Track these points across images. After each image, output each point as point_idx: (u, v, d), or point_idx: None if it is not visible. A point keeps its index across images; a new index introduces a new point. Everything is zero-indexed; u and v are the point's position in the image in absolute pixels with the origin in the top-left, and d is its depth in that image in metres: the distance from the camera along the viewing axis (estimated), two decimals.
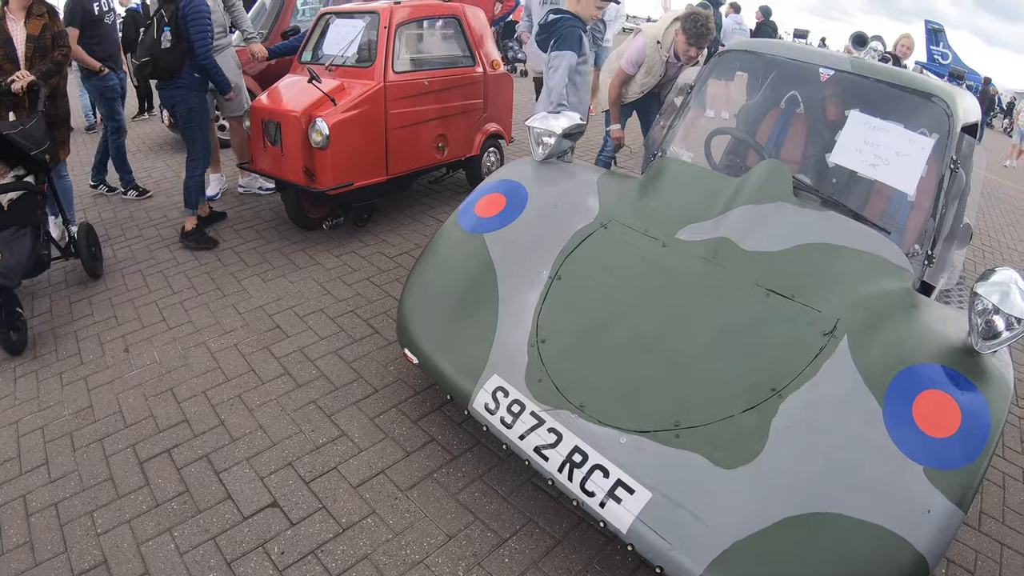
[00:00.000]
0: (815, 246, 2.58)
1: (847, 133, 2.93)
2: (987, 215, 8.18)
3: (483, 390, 2.37)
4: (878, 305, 2.35)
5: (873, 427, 1.97)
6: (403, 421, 2.88)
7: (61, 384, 3.13)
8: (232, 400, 2.99)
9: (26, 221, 3.43)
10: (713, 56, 3.67)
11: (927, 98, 2.92)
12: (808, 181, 3.11)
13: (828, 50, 3.83)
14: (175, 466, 2.62)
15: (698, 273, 2.56)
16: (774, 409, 2.10)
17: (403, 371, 3.22)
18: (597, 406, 2.22)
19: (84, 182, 5.83)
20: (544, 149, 3.24)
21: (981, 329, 2.05)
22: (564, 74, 3.72)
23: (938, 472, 1.84)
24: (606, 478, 2.04)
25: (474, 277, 2.76)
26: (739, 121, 3.85)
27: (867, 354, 2.15)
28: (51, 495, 2.49)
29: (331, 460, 2.65)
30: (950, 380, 2.01)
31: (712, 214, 2.74)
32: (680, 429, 2.12)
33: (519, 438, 2.22)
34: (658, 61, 4.68)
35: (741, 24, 11.00)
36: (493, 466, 2.65)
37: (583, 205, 2.97)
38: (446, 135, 5.17)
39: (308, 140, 4.24)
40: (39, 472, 2.60)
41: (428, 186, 5.93)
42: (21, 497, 2.48)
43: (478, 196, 3.10)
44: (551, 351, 2.42)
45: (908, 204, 3.00)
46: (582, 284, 2.65)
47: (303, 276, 4.20)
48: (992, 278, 2.10)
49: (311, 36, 5.03)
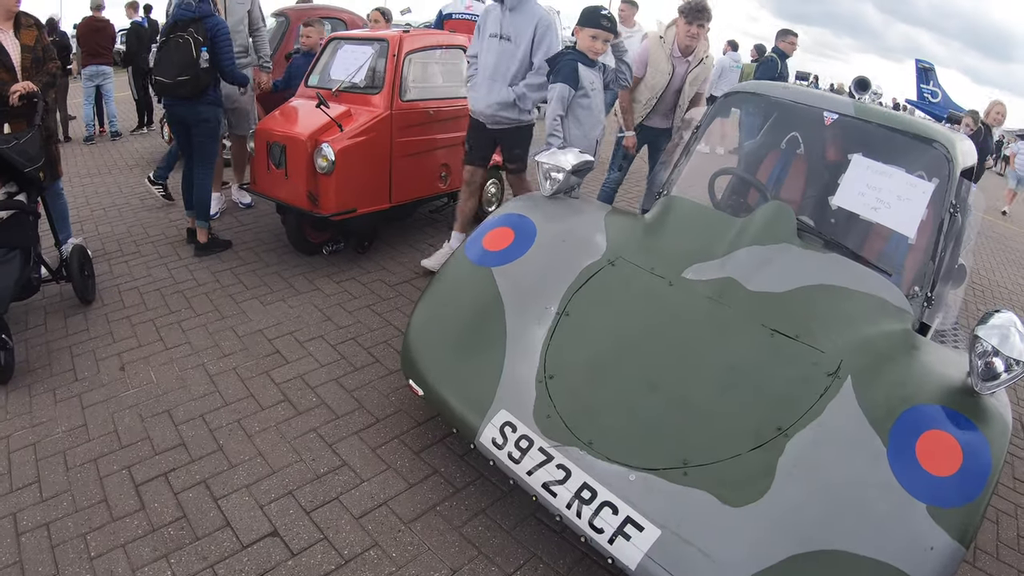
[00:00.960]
0: (818, 287, 2.63)
1: (850, 177, 3.00)
2: (981, 255, 8.29)
3: (491, 424, 2.37)
4: (880, 346, 2.40)
5: (877, 466, 2.01)
6: (405, 452, 2.86)
7: (55, 400, 3.08)
8: (231, 425, 2.96)
9: (15, 242, 3.34)
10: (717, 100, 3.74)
11: (928, 143, 3.00)
12: (811, 223, 3.17)
13: (830, 93, 3.91)
14: (172, 490, 2.58)
15: (704, 312, 2.59)
16: (780, 448, 2.13)
17: (405, 402, 3.20)
18: (606, 443, 2.23)
19: (80, 194, 5.83)
20: (552, 184, 3.28)
21: (981, 371, 2.11)
22: (556, 106, 3.83)
23: (941, 510, 1.89)
24: (615, 515, 2.05)
25: (482, 310, 2.77)
26: (741, 160, 3.93)
27: (871, 394, 2.20)
28: (43, 515, 2.44)
29: (332, 490, 2.62)
30: (951, 420, 2.06)
31: (718, 254, 2.78)
32: (688, 467, 2.14)
33: (527, 473, 2.22)
34: (663, 57, 4.80)
35: (738, 62, 11.16)
36: (497, 500, 2.63)
37: (591, 242, 3.00)
38: (449, 164, 5.21)
39: (313, 165, 4.26)
40: (31, 490, 2.55)
41: (429, 215, 5.96)
42: (11, 515, 2.43)
43: (486, 229, 3.12)
44: (559, 387, 2.43)
45: (907, 246, 3.06)
46: (590, 321, 2.66)
47: (303, 301, 4.19)
48: (992, 321, 2.17)
49: (319, 60, 5.08)
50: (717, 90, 10.40)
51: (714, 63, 5.87)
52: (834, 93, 3.95)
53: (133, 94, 9.62)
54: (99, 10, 8.75)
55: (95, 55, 8.59)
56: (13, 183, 3.49)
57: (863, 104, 3.30)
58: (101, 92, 8.78)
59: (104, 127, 9.03)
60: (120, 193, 6.32)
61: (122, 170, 7.28)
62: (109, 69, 8.78)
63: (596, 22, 3.81)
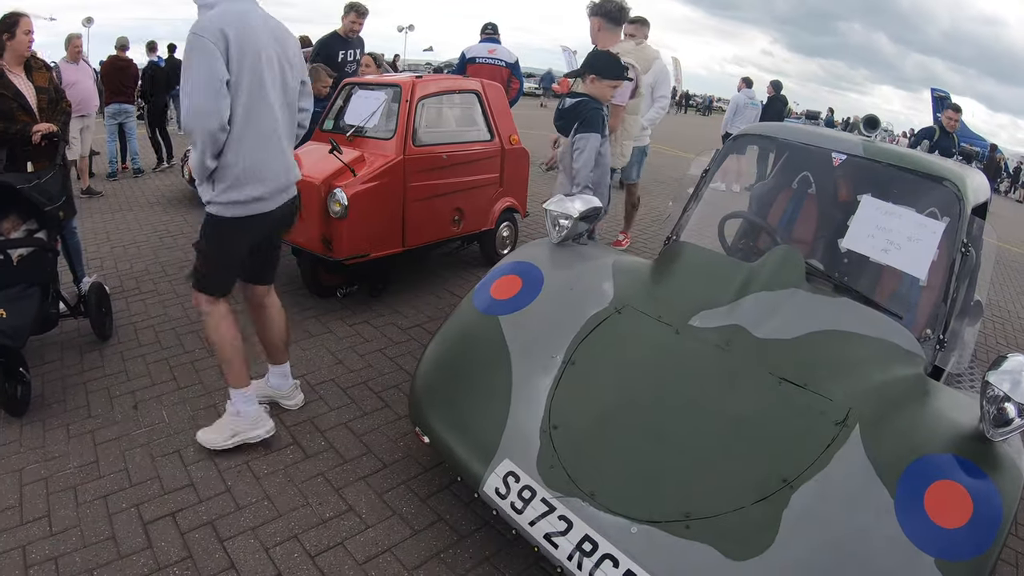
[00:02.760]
0: (828, 333, 2.62)
1: (859, 219, 2.99)
2: (997, 285, 8.21)
3: (494, 474, 2.38)
4: (890, 393, 2.37)
5: (884, 518, 1.97)
6: (412, 498, 2.87)
7: (68, 436, 3.13)
8: (240, 467, 2.99)
9: (35, 279, 3.43)
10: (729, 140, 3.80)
11: (938, 181, 3.00)
12: (820, 266, 3.17)
13: (840, 132, 3.94)
14: (179, 530, 2.60)
15: (711, 361, 2.60)
16: (785, 500, 2.11)
17: (413, 447, 3.22)
18: (608, 495, 2.23)
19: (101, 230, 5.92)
20: (560, 231, 3.30)
21: (993, 417, 2.08)
22: (591, 156, 3.73)
23: (949, 563, 1.84)
24: (616, 568, 2.04)
25: (488, 359, 2.79)
26: (752, 202, 3.95)
27: (879, 444, 2.17)
28: (51, 549, 2.46)
29: (337, 535, 2.64)
30: (962, 469, 2.02)
31: (725, 301, 2.79)
32: (691, 520, 2.12)
33: (529, 524, 2.22)
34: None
35: (753, 99, 11.19)
36: (501, 548, 2.63)
37: (598, 289, 3.03)
38: (462, 208, 5.29)
39: (327, 209, 4.34)
40: (40, 524, 2.58)
41: (443, 258, 6.02)
42: (20, 548, 2.46)
43: (494, 277, 3.15)
44: (563, 438, 2.44)
45: (919, 287, 3.04)
46: (595, 370, 2.68)
47: (315, 344, 4.24)
48: (1003, 366, 2.14)
49: (333, 105, 5.22)
50: (733, 128, 10.50)
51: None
52: (847, 130, 3.98)
53: (148, 132, 9.88)
54: (124, 50, 9.06)
55: (118, 93, 8.85)
56: (34, 220, 3.59)
57: (872, 143, 3.32)
58: (124, 130, 9.01)
59: (127, 163, 9.25)
60: (140, 230, 6.46)
61: (143, 207, 7.44)
62: (131, 107, 9.04)
63: (620, 74, 3.83)
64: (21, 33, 3.94)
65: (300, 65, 3.05)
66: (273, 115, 2.85)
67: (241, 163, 2.76)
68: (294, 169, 3.09)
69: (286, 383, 3.46)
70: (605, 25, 4.44)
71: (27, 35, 3.98)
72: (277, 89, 2.86)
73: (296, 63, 2.99)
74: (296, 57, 3.00)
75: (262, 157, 2.83)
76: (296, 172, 3.12)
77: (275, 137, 2.89)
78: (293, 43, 2.99)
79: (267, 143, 2.85)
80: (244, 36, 2.67)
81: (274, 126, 2.87)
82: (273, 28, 2.86)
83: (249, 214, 2.86)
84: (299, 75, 3.04)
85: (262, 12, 2.86)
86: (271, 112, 2.84)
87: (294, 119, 3.07)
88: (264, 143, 2.83)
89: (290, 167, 3.04)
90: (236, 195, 2.79)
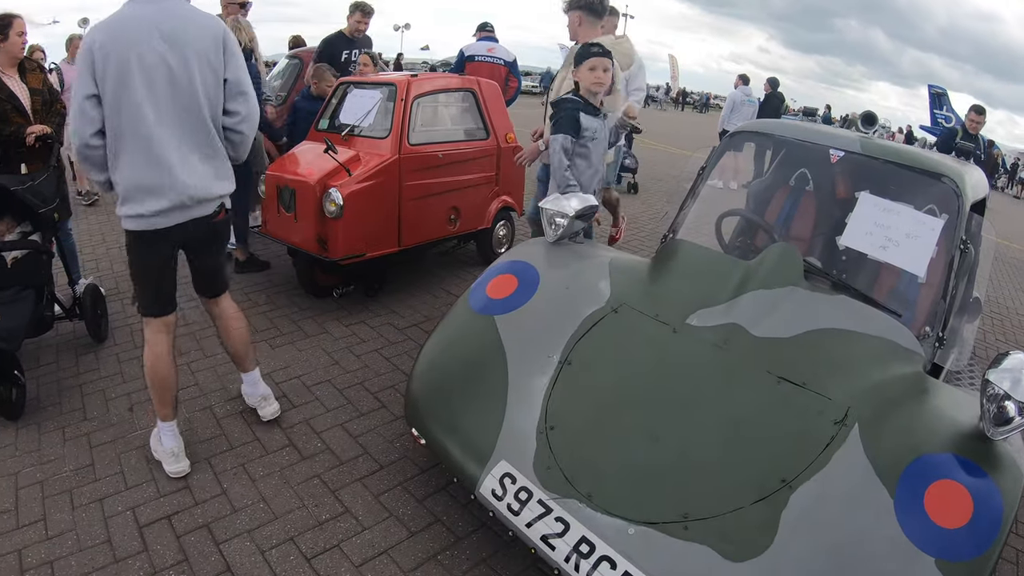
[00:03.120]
0: (826, 331, 2.61)
1: (857, 216, 2.98)
2: (996, 282, 8.23)
3: (490, 475, 2.37)
4: (889, 392, 2.36)
5: (884, 519, 1.96)
6: (408, 500, 2.86)
7: (63, 439, 3.12)
8: (235, 469, 2.98)
9: (29, 281, 3.41)
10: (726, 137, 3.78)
11: (936, 178, 2.99)
12: (818, 264, 3.16)
13: (838, 129, 3.92)
14: (175, 533, 2.59)
15: (709, 360, 2.58)
16: (784, 501, 2.09)
17: (409, 448, 3.21)
18: (605, 496, 2.22)
19: (97, 231, 5.89)
20: (556, 230, 3.28)
21: (993, 415, 2.05)
22: (559, 157, 3.71)
23: (950, 564, 1.83)
24: (613, 570, 2.02)
25: (484, 360, 2.77)
26: (749, 200, 3.94)
27: (878, 443, 2.15)
28: (47, 552, 2.45)
29: (334, 537, 2.62)
30: (962, 469, 2.00)
31: (723, 299, 2.78)
32: (689, 521, 2.11)
33: (526, 526, 2.21)
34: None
35: (750, 96, 11.21)
36: (498, 550, 2.62)
37: (594, 288, 3.01)
38: (459, 207, 5.28)
39: (322, 209, 4.33)
40: (36, 527, 2.57)
41: (439, 257, 6.01)
42: (16, 552, 2.45)
43: (489, 277, 3.13)
44: (560, 438, 2.43)
45: (918, 285, 3.03)
46: (592, 370, 2.66)
47: (311, 344, 4.23)
48: (1003, 364, 2.12)
49: (329, 104, 5.20)
50: (729, 125, 10.48)
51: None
52: (845, 127, 3.92)
53: None
54: None
55: None
56: (28, 223, 3.57)
57: (869, 140, 3.31)
58: None
59: None
60: None
61: None
62: None
63: (588, 53, 3.74)
64: (14, 35, 3.91)
65: (214, 62, 2.68)
66: (147, 126, 2.56)
67: (123, 179, 2.62)
68: (207, 183, 2.76)
69: (255, 392, 3.36)
70: (586, 18, 4.35)
71: (20, 36, 3.96)
72: (160, 94, 2.56)
73: (209, 60, 2.66)
74: (209, 53, 2.66)
75: (144, 173, 2.60)
76: (213, 187, 2.80)
77: (157, 149, 2.59)
78: (203, 38, 2.64)
79: (146, 157, 2.59)
80: (111, 43, 2.47)
81: (152, 137, 2.58)
82: (171, 27, 2.56)
83: (146, 228, 2.68)
84: (215, 73, 2.70)
85: (169, 8, 2.59)
86: (145, 122, 2.55)
87: (203, 126, 2.71)
88: (143, 157, 2.59)
89: (196, 182, 2.71)
90: (128, 209, 2.65)
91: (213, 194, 2.82)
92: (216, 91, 2.73)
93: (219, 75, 2.71)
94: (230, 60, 2.75)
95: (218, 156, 2.83)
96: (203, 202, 2.78)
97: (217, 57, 2.69)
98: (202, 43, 2.63)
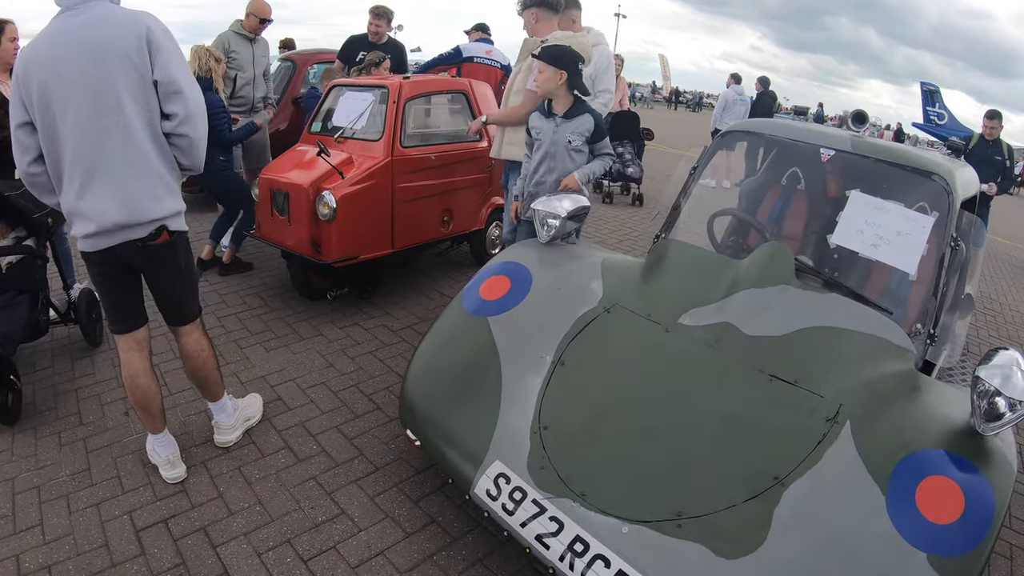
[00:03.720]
0: (817, 329, 2.63)
1: (848, 214, 3.01)
2: (989, 279, 8.26)
3: (485, 476, 2.39)
4: (881, 389, 2.38)
5: (876, 515, 1.98)
6: (404, 501, 2.88)
7: (59, 444, 3.12)
8: (232, 472, 2.99)
9: (24, 286, 3.40)
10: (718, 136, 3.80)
11: (927, 176, 3.02)
12: (810, 263, 3.19)
13: (829, 128, 3.95)
14: (172, 537, 2.60)
15: (701, 359, 2.61)
16: (776, 498, 2.12)
17: (404, 450, 3.22)
18: (599, 495, 2.24)
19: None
20: (549, 231, 3.31)
21: (984, 411, 2.08)
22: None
23: (941, 559, 1.85)
24: (607, 568, 2.05)
25: (477, 361, 2.80)
26: (741, 199, 3.96)
27: (870, 440, 2.18)
28: (44, 557, 2.46)
29: (330, 539, 2.64)
30: (953, 465, 2.03)
31: (715, 298, 2.80)
32: (682, 519, 2.13)
33: (520, 525, 2.23)
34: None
35: (742, 95, 11.23)
36: (493, 550, 2.64)
37: (587, 289, 3.04)
38: (452, 209, 5.29)
39: (315, 212, 4.34)
40: (33, 533, 2.58)
41: (433, 259, 6.02)
42: (14, 557, 2.45)
43: (482, 278, 3.16)
44: (553, 438, 2.45)
45: (909, 282, 3.06)
46: (585, 370, 2.69)
47: (306, 347, 4.24)
48: (994, 360, 2.16)
49: (321, 107, 5.21)
50: (722, 124, 10.51)
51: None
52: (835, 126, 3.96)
53: None
54: None
55: None
56: (22, 228, 3.57)
57: (860, 138, 3.34)
58: None
59: None
60: None
61: None
62: None
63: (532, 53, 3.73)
64: (7, 40, 3.91)
65: (139, 65, 2.40)
66: (70, 148, 2.41)
67: (62, 202, 2.55)
68: (134, 204, 2.50)
69: (221, 420, 3.17)
70: (542, 14, 4.16)
71: (12, 42, 3.95)
72: (83, 113, 2.38)
73: (133, 63, 2.38)
74: (132, 56, 2.38)
75: (69, 197, 2.49)
76: (143, 209, 2.53)
77: (80, 174, 2.44)
78: (124, 41, 2.36)
79: (69, 181, 2.46)
80: (32, 67, 2.35)
81: (77, 160, 2.43)
82: (90, 36, 2.35)
83: (88, 249, 2.57)
84: (143, 76, 2.41)
85: (90, 16, 2.37)
86: (67, 146, 2.41)
87: (131, 138, 2.45)
88: (69, 182, 2.47)
89: (116, 207, 2.48)
90: (73, 230, 2.58)
91: (141, 218, 2.53)
92: (147, 96, 2.44)
93: (147, 78, 2.42)
94: (156, 58, 2.42)
95: (153, 173, 2.54)
96: (127, 227, 2.53)
97: (142, 58, 2.39)
98: (123, 46, 2.36)
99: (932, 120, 28.78)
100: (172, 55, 2.47)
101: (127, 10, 2.45)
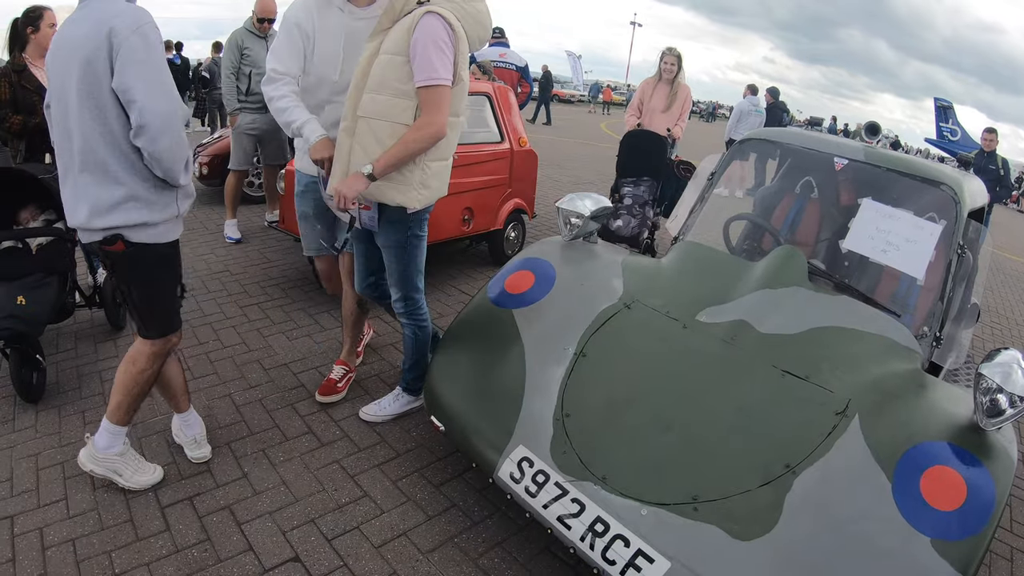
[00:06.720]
0: (828, 329, 2.72)
1: (859, 220, 3.11)
2: (997, 293, 8.36)
3: (508, 459, 2.46)
4: (888, 386, 2.46)
5: (883, 501, 2.06)
6: (425, 486, 2.94)
7: (84, 422, 3.18)
8: (256, 454, 3.05)
9: (53, 268, 3.46)
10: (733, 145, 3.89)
11: (936, 185, 3.13)
12: (822, 266, 3.28)
13: (842, 138, 4.05)
14: (196, 514, 2.65)
15: (717, 354, 2.68)
16: (788, 485, 2.19)
17: (425, 437, 3.29)
18: (619, 479, 2.30)
19: None
20: (571, 230, 3.40)
21: (986, 407, 2.17)
22: None
23: (944, 543, 1.92)
24: (627, 547, 2.11)
25: (503, 351, 2.88)
26: (756, 205, 4.05)
27: (877, 432, 2.25)
28: (69, 531, 2.51)
29: (353, 519, 2.70)
30: (956, 456, 2.11)
31: (731, 297, 2.89)
32: (698, 503, 2.20)
33: (543, 507, 2.30)
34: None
35: (757, 106, 11.29)
36: (513, 533, 2.70)
37: (608, 285, 3.11)
38: (472, 208, 5.37)
39: None
40: (58, 507, 2.62)
41: (451, 256, 6.10)
42: (38, 530, 2.50)
43: (507, 273, 3.25)
44: (575, 425, 2.52)
45: (917, 287, 3.15)
46: (606, 362, 2.76)
47: (328, 337, 4.30)
48: (996, 359, 2.24)
49: None
50: (736, 134, 10.58)
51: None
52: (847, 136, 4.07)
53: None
54: None
55: None
56: (52, 211, 3.64)
57: (873, 149, 3.44)
58: None
59: None
60: None
61: None
62: None
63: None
64: (45, 27, 3.96)
65: (99, 70, 2.21)
66: (56, 148, 2.41)
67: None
68: (94, 207, 2.36)
69: (185, 433, 3.03)
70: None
71: (51, 28, 3.99)
72: (55, 116, 2.36)
73: (94, 68, 2.21)
74: (94, 60, 2.20)
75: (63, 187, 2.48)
76: (104, 216, 2.37)
77: (60, 165, 2.42)
78: (90, 42, 2.20)
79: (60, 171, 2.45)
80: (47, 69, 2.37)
81: (57, 153, 2.40)
82: (69, 37, 2.27)
83: (82, 240, 2.57)
84: (100, 82, 2.23)
85: (86, 14, 2.26)
86: (53, 139, 2.42)
87: (87, 145, 2.30)
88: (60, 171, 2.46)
89: (82, 205, 2.38)
90: None
91: (96, 224, 2.39)
92: (101, 103, 2.25)
93: (104, 84, 2.22)
94: (115, 62, 2.20)
95: (112, 181, 2.36)
96: (85, 230, 2.45)
97: (101, 63, 2.20)
98: (88, 49, 2.19)
99: (945, 136, 28.79)
100: (133, 59, 2.21)
101: (115, 8, 2.25)
